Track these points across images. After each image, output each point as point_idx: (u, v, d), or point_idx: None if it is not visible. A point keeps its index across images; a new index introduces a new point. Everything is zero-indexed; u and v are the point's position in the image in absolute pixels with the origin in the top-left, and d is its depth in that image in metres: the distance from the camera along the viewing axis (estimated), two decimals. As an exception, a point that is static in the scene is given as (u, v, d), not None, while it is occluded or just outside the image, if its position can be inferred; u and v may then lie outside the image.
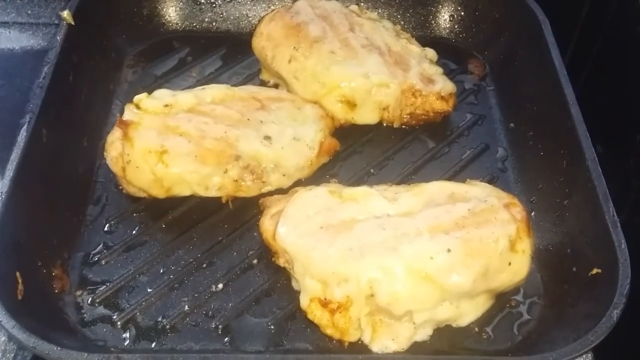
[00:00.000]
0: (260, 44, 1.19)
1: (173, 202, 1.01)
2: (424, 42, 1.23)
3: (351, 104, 1.11)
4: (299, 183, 1.03)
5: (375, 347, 0.85)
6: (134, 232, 0.98)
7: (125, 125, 0.97)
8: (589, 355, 0.91)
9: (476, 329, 0.88)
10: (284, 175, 1.01)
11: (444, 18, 1.32)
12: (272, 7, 1.31)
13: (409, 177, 1.08)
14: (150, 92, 1.05)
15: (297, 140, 1.03)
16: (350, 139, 1.12)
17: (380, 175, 1.08)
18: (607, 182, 0.92)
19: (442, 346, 0.86)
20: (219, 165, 0.97)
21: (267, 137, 1.01)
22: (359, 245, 0.85)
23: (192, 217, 1.00)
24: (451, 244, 0.84)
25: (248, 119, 1.02)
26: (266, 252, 0.93)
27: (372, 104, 1.11)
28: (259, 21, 1.22)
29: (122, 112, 1.02)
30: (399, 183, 1.01)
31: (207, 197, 0.99)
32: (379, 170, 1.09)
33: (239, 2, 1.33)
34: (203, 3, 1.32)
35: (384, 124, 1.14)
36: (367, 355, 0.84)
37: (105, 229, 0.98)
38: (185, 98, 1.03)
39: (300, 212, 0.90)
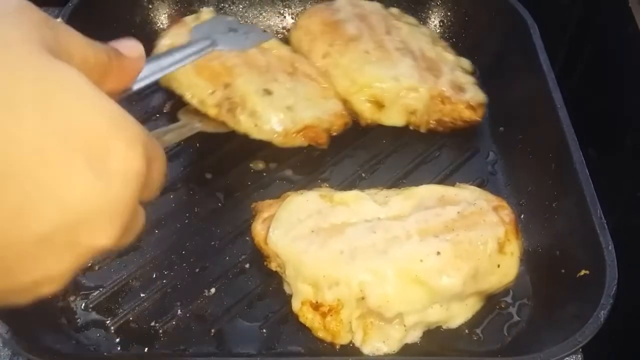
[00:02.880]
0: (298, 36, 1.22)
1: (165, 207, 1.01)
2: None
3: (379, 105, 1.13)
4: (289, 187, 1.04)
5: (367, 350, 0.85)
6: (127, 237, 0.98)
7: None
8: (579, 356, 0.92)
9: (466, 331, 0.89)
10: (255, 125, 1.04)
11: (434, 23, 1.33)
12: (264, 14, 1.32)
13: (400, 180, 1.08)
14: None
15: (289, 110, 1.06)
16: (342, 143, 1.13)
17: (371, 180, 1.08)
18: (598, 185, 0.93)
19: (433, 348, 0.87)
20: (210, 83, 1.03)
21: (268, 91, 1.04)
22: (350, 248, 0.85)
23: (185, 222, 1.01)
24: (441, 247, 0.85)
25: (267, 71, 1.05)
26: (258, 257, 0.94)
27: (399, 106, 1.13)
28: (299, 15, 1.26)
29: None
30: (389, 187, 1.02)
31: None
32: (370, 174, 1.10)
33: (230, 9, 1.34)
34: (195, 10, 1.33)
35: (411, 128, 1.15)
36: (358, 358, 0.85)
37: (99, 234, 0.99)
38: None
39: (292, 216, 0.91)
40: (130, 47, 0.53)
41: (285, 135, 1.06)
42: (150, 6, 1.31)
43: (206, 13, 1.23)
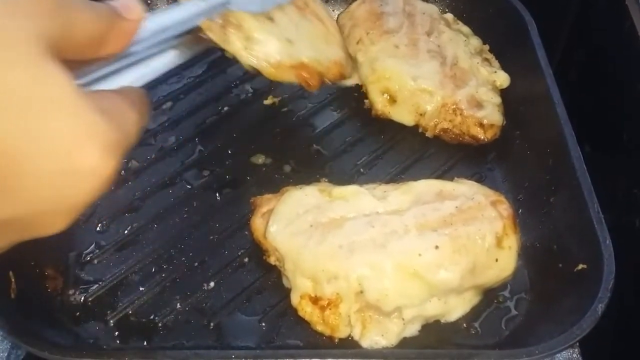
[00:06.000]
0: (343, 20, 1.25)
1: (164, 202, 1.02)
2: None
3: (392, 99, 1.14)
4: (288, 182, 1.04)
5: (365, 343, 0.86)
6: (126, 231, 0.98)
7: None
8: (576, 349, 0.92)
9: (464, 325, 0.89)
10: (246, 48, 0.91)
11: (432, 20, 1.33)
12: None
13: (398, 176, 1.09)
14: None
15: (289, 42, 0.96)
16: (341, 139, 1.14)
17: (369, 175, 1.09)
18: (595, 182, 0.93)
19: (431, 341, 0.87)
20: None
21: (270, 18, 0.95)
22: (348, 242, 0.86)
23: (184, 217, 1.01)
24: (439, 241, 0.85)
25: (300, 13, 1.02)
26: (257, 251, 0.94)
27: (410, 106, 1.13)
28: (353, 1, 1.28)
29: None
30: (388, 182, 1.02)
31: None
32: (368, 169, 1.10)
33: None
34: (193, 5, 1.33)
35: (420, 130, 1.15)
36: (356, 351, 0.85)
37: (98, 228, 0.99)
38: None
39: (291, 211, 0.91)
40: (130, 7, 0.54)
41: (278, 66, 0.94)
42: None
43: None
